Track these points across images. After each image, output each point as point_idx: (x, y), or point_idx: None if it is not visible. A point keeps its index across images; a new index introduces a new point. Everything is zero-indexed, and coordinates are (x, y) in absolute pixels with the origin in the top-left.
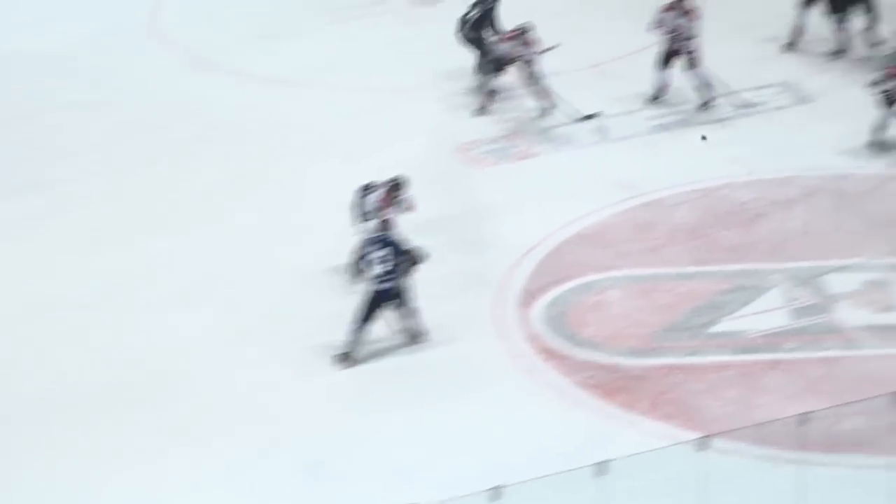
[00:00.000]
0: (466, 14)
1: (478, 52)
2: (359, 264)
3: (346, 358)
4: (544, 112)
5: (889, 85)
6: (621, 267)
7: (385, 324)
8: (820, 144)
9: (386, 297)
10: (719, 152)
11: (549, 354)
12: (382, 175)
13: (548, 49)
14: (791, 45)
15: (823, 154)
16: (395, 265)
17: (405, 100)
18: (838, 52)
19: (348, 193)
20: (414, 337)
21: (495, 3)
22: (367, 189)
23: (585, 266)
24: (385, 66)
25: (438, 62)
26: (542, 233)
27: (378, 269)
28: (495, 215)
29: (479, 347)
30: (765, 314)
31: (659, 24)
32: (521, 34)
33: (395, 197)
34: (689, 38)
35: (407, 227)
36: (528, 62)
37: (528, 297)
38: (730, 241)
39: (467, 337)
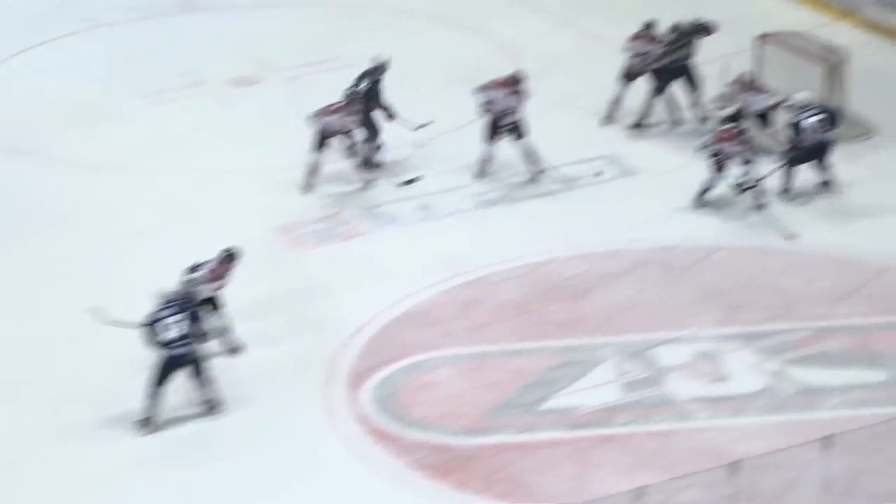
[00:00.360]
0: (353, 87)
1: (364, 125)
2: (153, 328)
3: (147, 423)
4: (366, 186)
5: (718, 148)
6: (449, 346)
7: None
8: (644, 217)
9: (179, 362)
10: (544, 227)
11: (380, 436)
12: (204, 257)
13: (422, 126)
14: (609, 119)
15: (648, 226)
16: (190, 331)
17: (226, 181)
18: (674, 122)
19: (170, 277)
20: (211, 407)
21: (382, 74)
22: (195, 268)
23: (414, 345)
24: (204, 147)
25: (258, 142)
26: (369, 313)
27: (172, 334)
28: (321, 296)
29: (308, 430)
30: (596, 389)
31: (488, 102)
32: (346, 105)
33: (229, 269)
34: (515, 113)
35: (232, 310)
36: (350, 134)
37: (357, 378)
38: (558, 317)
39: (296, 419)
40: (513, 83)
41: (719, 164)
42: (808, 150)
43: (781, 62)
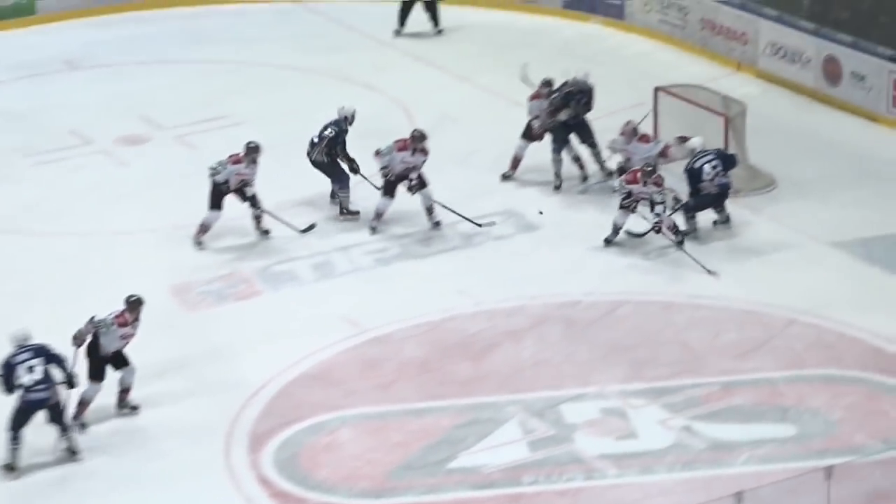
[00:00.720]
0: (318, 136)
1: (331, 175)
2: (7, 373)
3: (11, 469)
4: (263, 236)
5: (629, 189)
6: (352, 406)
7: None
8: (546, 272)
9: (37, 406)
10: (446, 283)
11: (283, 499)
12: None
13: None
14: (507, 176)
15: (550, 282)
16: (47, 376)
17: (117, 242)
18: (582, 177)
19: (59, 343)
20: (71, 454)
21: (348, 125)
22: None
23: (315, 406)
24: (94, 208)
25: (150, 202)
26: (268, 373)
27: (28, 379)
28: (219, 358)
29: (209, 493)
30: (502, 447)
31: (389, 162)
32: (247, 154)
33: (136, 318)
34: (416, 171)
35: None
36: (248, 185)
37: (258, 440)
38: (462, 374)
39: (196, 483)
40: (414, 142)
41: (630, 206)
42: (710, 196)
43: (680, 114)
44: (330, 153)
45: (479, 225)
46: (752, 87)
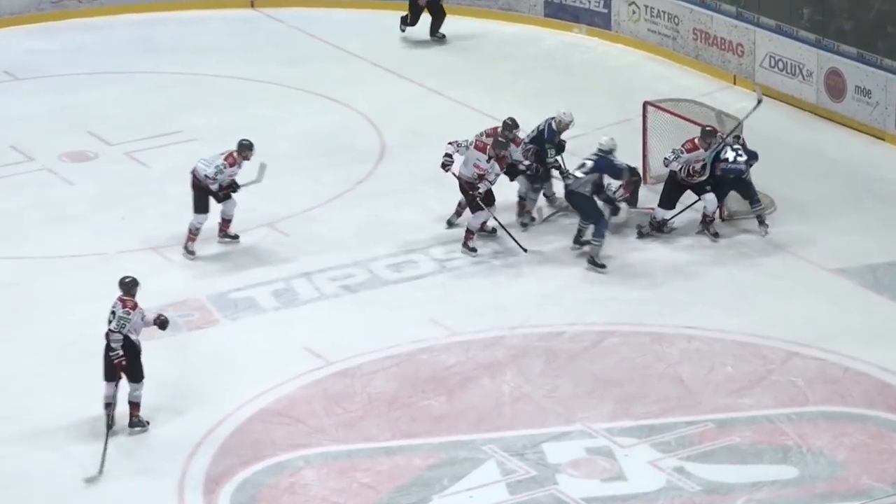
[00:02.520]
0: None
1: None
2: None
3: None
4: (231, 241)
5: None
6: (316, 444)
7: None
8: (526, 301)
9: None
10: (418, 312)
11: None
12: (42, 347)
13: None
14: (451, 224)
15: (531, 311)
16: None
17: (61, 266)
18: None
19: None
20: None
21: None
22: None
23: (276, 444)
24: (37, 229)
25: (97, 223)
26: (225, 409)
27: None
28: (173, 392)
29: None
30: (480, 489)
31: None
32: (240, 153)
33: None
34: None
35: None
36: (235, 186)
37: (214, 482)
38: (435, 411)
39: None
40: (495, 147)
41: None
42: (728, 181)
43: (671, 131)
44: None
45: (525, 250)
46: (748, 101)
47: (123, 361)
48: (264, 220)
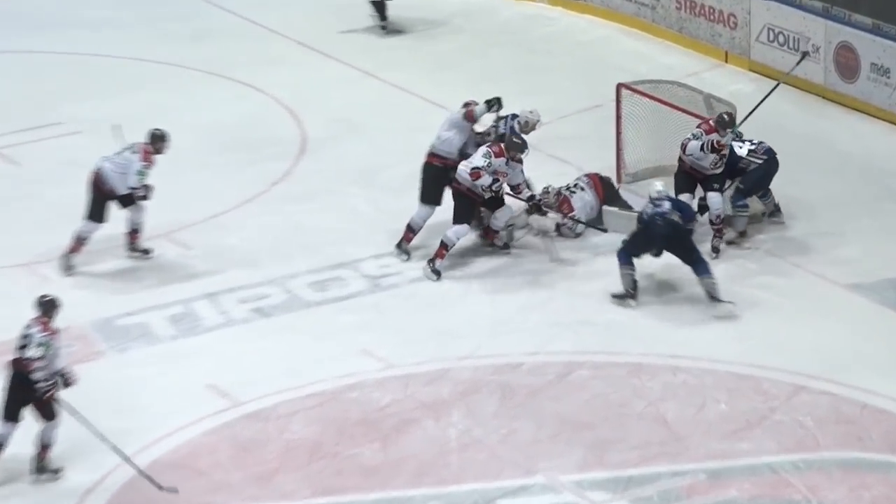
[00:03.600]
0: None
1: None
2: None
3: None
4: (141, 256)
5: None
6: (223, 502)
7: None
8: (477, 326)
9: None
10: (345, 340)
11: None
12: None
13: None
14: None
15: (483, 338)
16: None
17: None
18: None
19: None
20: None
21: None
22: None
23: (173, 503)
24: None
25: None
26: (111, 461)
27: None
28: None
29: None
30: None
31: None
32: (154, 144)
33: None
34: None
35: None
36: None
37: None
38: (367, 461)
39: None
40: (511, 149)
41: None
42: (760, 170)
43: (650, 119)
44: None
45: (604, 230)
46: (743, 83)
47: (55, 395)
48: (160, 229)
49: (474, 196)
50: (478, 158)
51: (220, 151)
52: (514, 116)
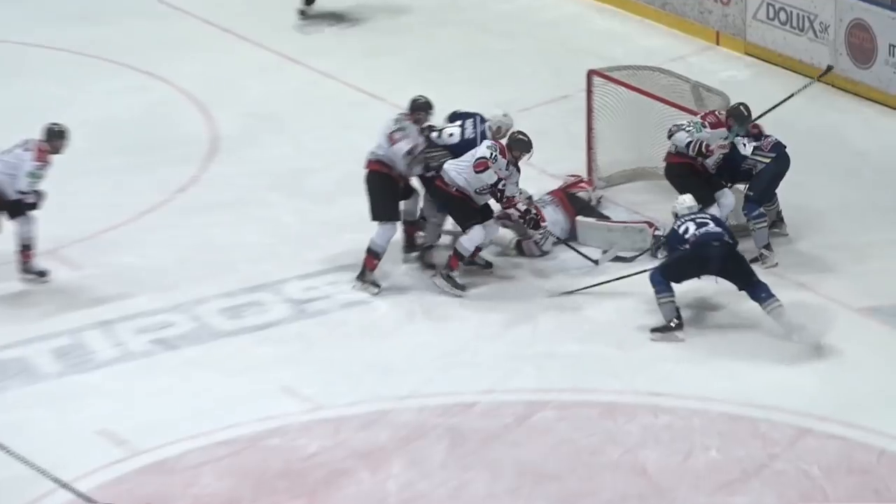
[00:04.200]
0: None
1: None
2: None
3: None
4: (36, 279)
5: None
6: None
7: None
8: (418, 358)
9: None
10: (265, 378)
11: None
12: None
13: None
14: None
15: (428, 373)
16: None
17: None
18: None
19: None
20: None
21: None
22: None
23: None
24: None
25: None
26: None
27: None
28: None
29: None
30: None
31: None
32: (50, 142)
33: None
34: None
35: None
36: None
37: None
38: None
39: None
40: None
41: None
42: (769, 172)
43: (626, 111)
44: None
45: (595, 262)
46: (738, 69)
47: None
48: (43, 246)
49: (465, 197)
50: (481, 149)
51: (113, 153)
52: (483, 120)
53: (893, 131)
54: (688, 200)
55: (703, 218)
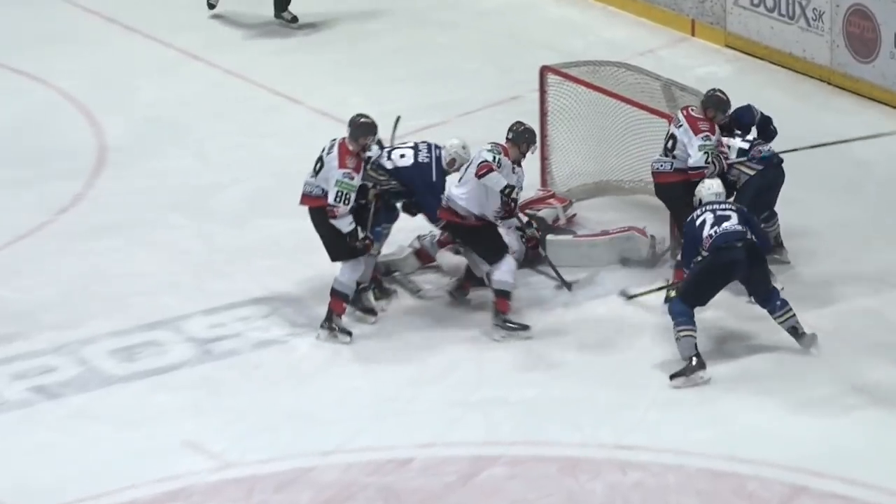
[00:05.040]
0: None
1: None
2: None
3: None
4: None
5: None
6: None
7: None
8: (346, 406)
9: None
10: (164, 431)
11: None
12: None
13: None
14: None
15: (356, 424)
16: None
17: None
18: None
19: None
20: None
21: None
22: None
23: None
24: None
25: None
26: None
27: None
28: None
29: None
30: None
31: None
32: None
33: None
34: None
35: None
36: None
37: None
38: None
39: None
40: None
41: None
42: (760, 181)
43: (587, 112)
44: None
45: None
46: (717, 64)
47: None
48: None
49: (489, 224)
50: (483, 153)
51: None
52: (437, 147)
53: None
54: (715, 186)
55: (724, 209)
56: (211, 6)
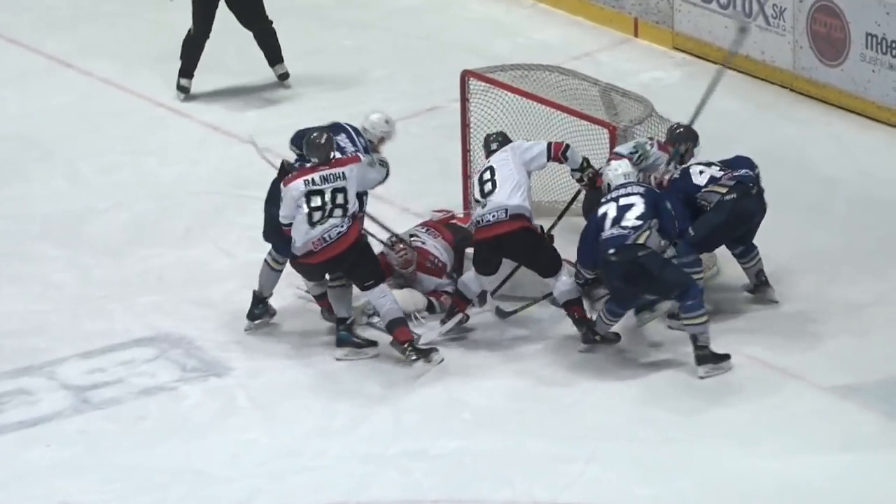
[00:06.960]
0: None
1: None
2: None
3: None
4: None
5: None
6: None
7: None
8: (241, 461)
9: None
10: (36, 492)
11: None
12: None
13: None
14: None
15: (251, 480)
16: None
17: None
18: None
19: None
20: None
21: None
22: None
23: None
24: None
25: None
26: None
27: None
28: None
29: None
30: None
31: None
32: None
33: None
34: None
35: None
36: None
37: None
38: None
39: None
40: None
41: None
42: (720, 215)
43: (516, 123)
44: None
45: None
46: (664, 68)
47: None
48: None
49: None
50: (537, 147)
51: None
52: (358, 133)
53: (873, 150)
54: (623, 166)
55: (629, 193)
56: (183, 90)
